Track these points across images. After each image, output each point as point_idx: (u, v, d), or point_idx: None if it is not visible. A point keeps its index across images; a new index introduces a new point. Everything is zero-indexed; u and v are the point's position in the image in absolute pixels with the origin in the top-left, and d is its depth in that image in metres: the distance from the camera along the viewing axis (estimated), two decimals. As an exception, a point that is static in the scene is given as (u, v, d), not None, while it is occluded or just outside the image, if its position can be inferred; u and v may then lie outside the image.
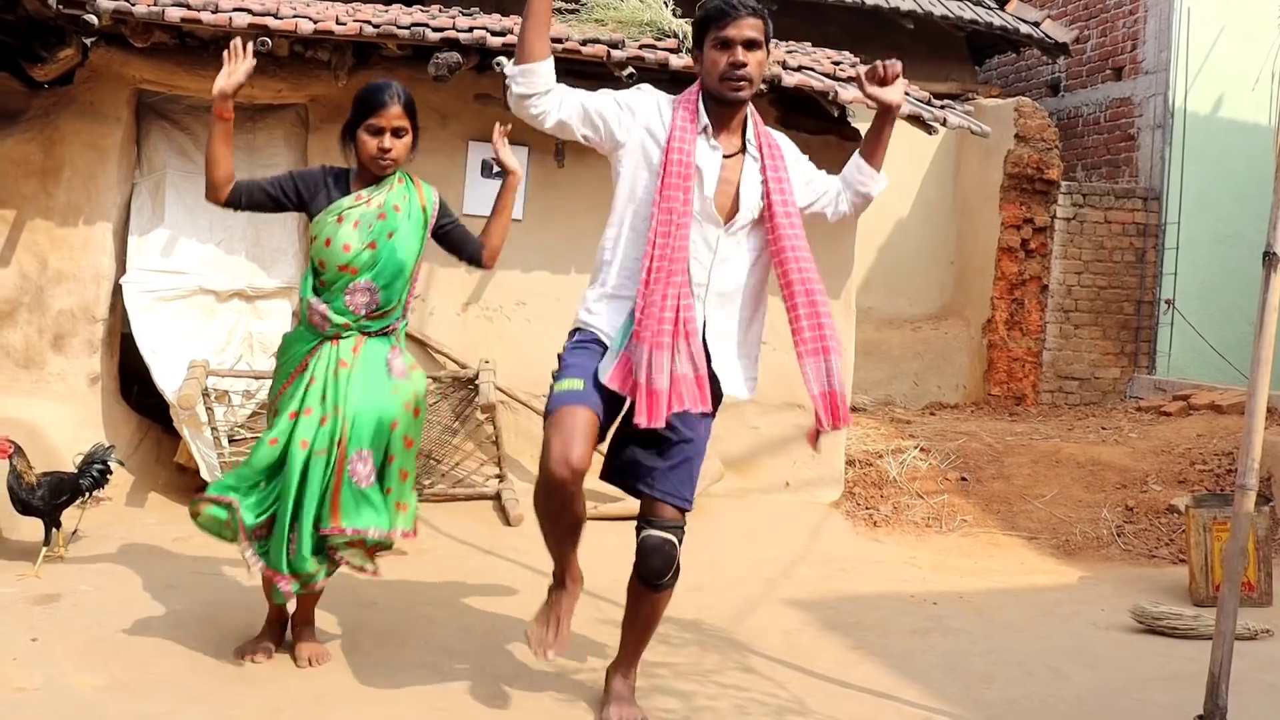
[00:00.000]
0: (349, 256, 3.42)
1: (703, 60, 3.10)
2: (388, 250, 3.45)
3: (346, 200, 3.45)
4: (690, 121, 3.08)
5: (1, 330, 5.61)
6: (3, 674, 3.28)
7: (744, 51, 3.01)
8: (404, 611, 4.05)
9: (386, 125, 3.39)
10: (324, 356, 3.45)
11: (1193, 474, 6.29)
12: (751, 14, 3.02)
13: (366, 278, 3.44)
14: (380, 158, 3.41)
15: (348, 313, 3.45)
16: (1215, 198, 9.41)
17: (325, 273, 3.46)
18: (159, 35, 5.43)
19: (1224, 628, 3.18)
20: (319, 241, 3.45)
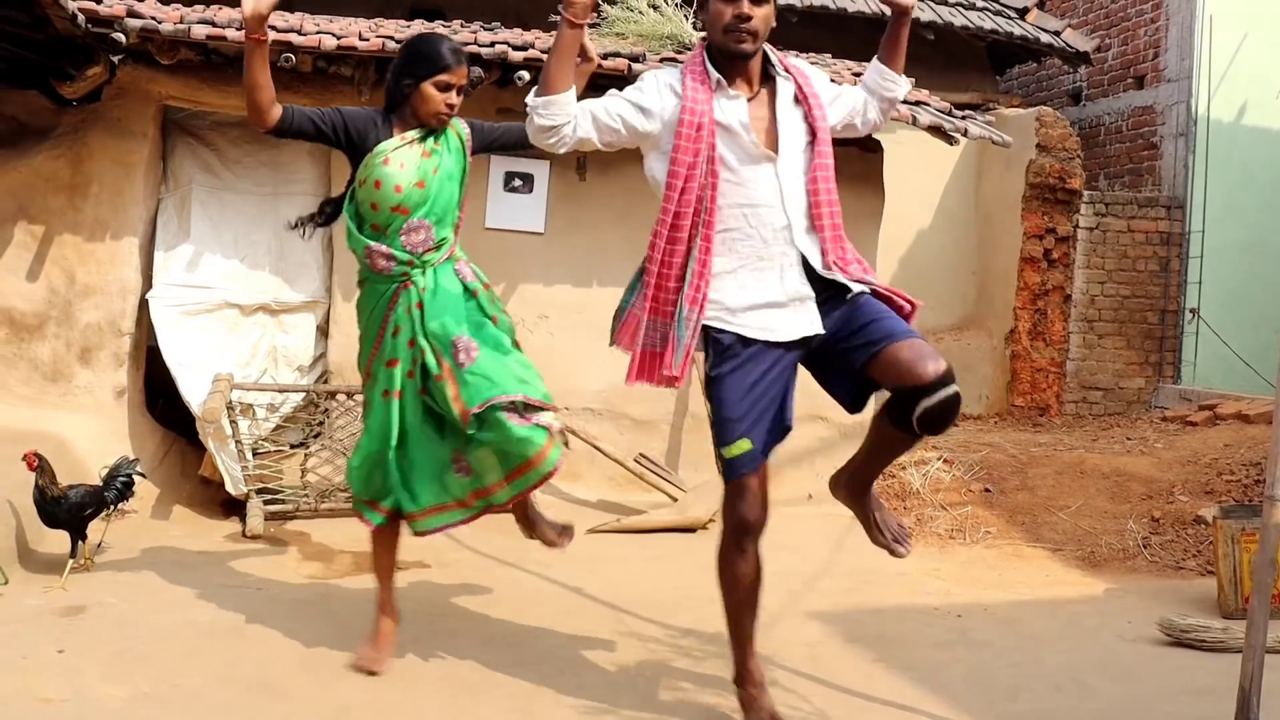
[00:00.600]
0: (400, 197, 3.48)
1: (707, 13, 3.06)
2: (436, 185, 3.52)
3: (393, 142, 3.50)
4: (701, 81, 3.04)
5: (30, 343, 5.66)
6: (29, 685, 3.30)
7: (749, 4, 2.96)
8: (427, 624, 4.05)
9: (456, 83, 3.48)
10: (402, 303, 3.52)
11: (1220, 484, 6.23)
12: None
13: (419, 215, 3.51)
14: (445, 113, 3.50)
15: (406, 252, 3.51)
16: (1240, 206, 9.35)
17: (378, 215, 3.51)
18: (185, 53, 5.49)
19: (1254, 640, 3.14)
20: (368, 185, 3.49)
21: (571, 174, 6.00)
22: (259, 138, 6.06)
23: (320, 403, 5.74)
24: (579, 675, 3.63)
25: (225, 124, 6.06)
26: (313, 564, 4.86)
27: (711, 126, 3.01)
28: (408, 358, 3.52)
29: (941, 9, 9.38)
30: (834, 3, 8.92)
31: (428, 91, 3.48)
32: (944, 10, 9.37)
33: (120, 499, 4.67)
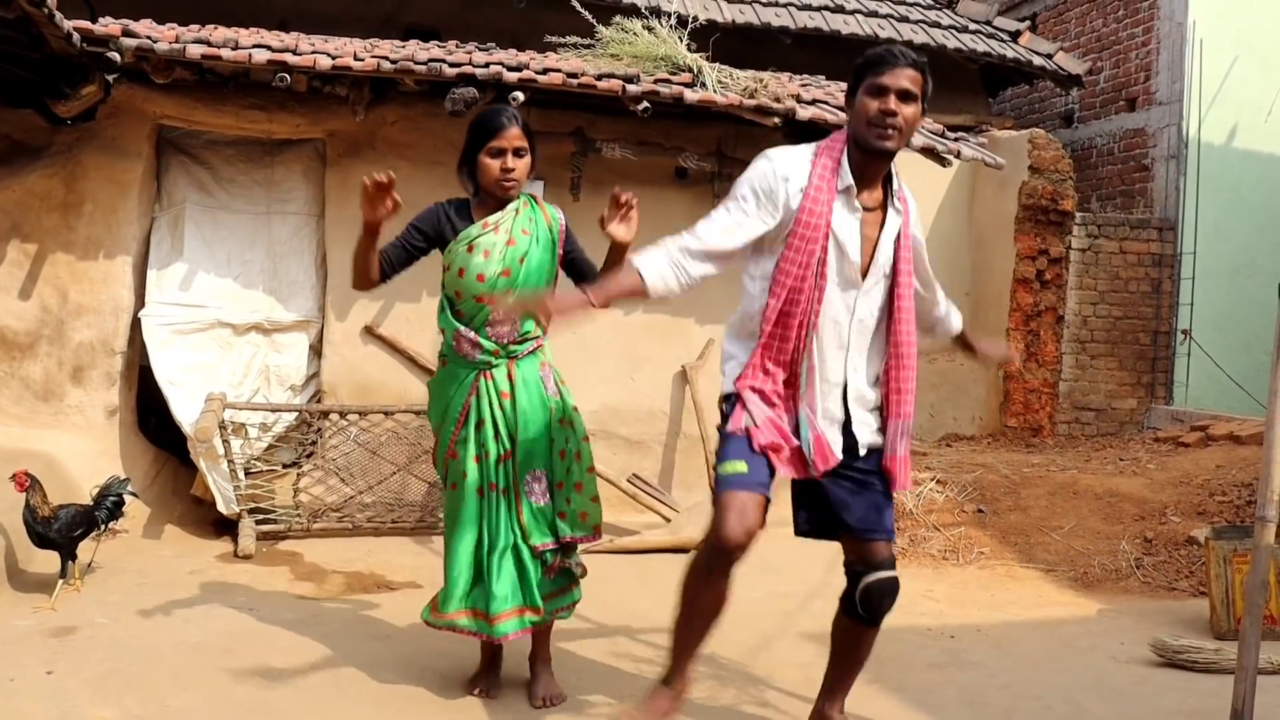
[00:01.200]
0: (484, 286, 3.40)
1: (854, 107, 3.00)
2: (523, 276, 3.44)
3: (475, 229, 3.43)
4: (832, 175, 2.98)
5: (22, 362, 5.65)
6: (18, 707, 3.28)
7: (897, 101, 2.92)
8: (419, 643, 4.04)
9: (508, 146, 3.39)
10: (484, 394, 3.46)
11: (1212, 505, 6.24)
12: (911, 65, 2.95)
13: None
14: (504, 179, 3.39)
15: (492, 342, 3.45)
16: (1231, 228, 9.39)
17: (462, 304, 3.45)
18: (180, 72, 5.51)
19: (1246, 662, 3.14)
20: (452, 272, 3.44)
21: (566, 194, 6.02)
22: (253, 157, 6.09)
23: (313, 422, 5.74)
24: (572, 696, 3.62)
25: (219, 143, 6.07)
26: (305, 584, 4.85)
27: (828, 231, 2.95)
28: (493, 449, 3.47)
29: (935, 31, 9.43)
30: (828, 24, 8.97)
31: (484, 162, 3.40)
32: (937, 33, 9.42)
33: (111, 518, 4.66)
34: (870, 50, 3.03)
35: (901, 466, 3.11)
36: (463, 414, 3.48)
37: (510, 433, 3.46)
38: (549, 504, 3.51)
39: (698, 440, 6.26)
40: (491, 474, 3.46)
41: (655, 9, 6.55)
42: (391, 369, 6.07)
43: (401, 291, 6.07)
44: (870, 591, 3.10)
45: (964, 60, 9.53)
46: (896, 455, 3.09)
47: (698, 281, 2.97)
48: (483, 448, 3.46)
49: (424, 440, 5.74)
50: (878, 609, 3.13)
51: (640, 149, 6.07)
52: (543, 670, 3.62)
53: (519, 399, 3.46)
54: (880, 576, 3.09)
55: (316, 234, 6.11)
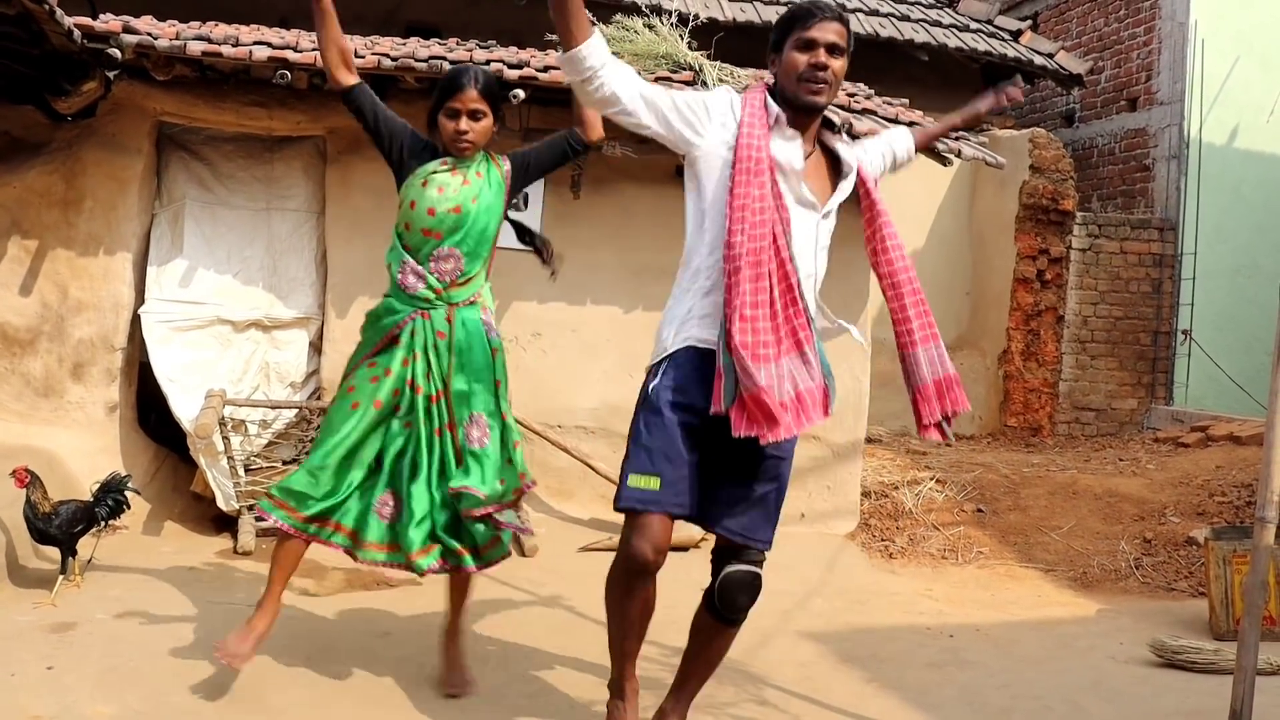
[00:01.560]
0: (433, 220, 3.46)
1: (780, 62, 2.95)
2: (472, 214, 3.49)
3: (433, 164, 3.49)
4: (762, 111, 2.92)
5: (22, 359, 5.65)
6: (18, 702, 3.28)
7: (826, 54, 2.88)
8: (419, 641, 4.04)
9: (463, 108, 3.44)
10: (418, 331, 3.47)
11: (1211, 506, 6.24)
12: (837, 19, 2.91)
13: (450, 244, 3.48)
14: (458, 139, 3.45)
15: (435, 280, 3.48)
16: (1232, 228, 9.40)
17: (410, 236, 3.50)
18: (180, 68, 5.50)
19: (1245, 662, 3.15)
20: (405, 204, 3.50)
21: (566, 192, 6.02)
22: (253, 154, 6.08)
23: (313, 419, 5.74)
24: (569, 693, 3.62)
25: (219, 139, 6.07)
26: (304, 580, 4.85)
27: (771, 162, 2.88)
28: (402, 381, 3.46)
29: (936, 30, 9.43)
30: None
31: (440, 120, 3.48)
32: (938, 32, 9.42)
33: (113, 515, 4.66)
34: (793, 4, 2.99)
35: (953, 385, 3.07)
36: (387, 338, 3.48)
37: (444, 374, 3.47)
38: (489, 449, 3.48)
39: (697, 439, 6.25)
40: (420, 412, 3.45)
41: (656, 7, 6.54)
42: (391, 366, 6.06)
43: (402, 289, 6.07)
44: (729, 582, 2.99)
45: (965, 59, 9.53)
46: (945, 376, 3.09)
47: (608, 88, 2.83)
48: (411, 384, 3.46)
49: (424, 438, 5.74)
50: (733, 603, 3.02)
51: (640, 147, 6.06)
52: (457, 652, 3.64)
53: (457, 339, 3.48)
54: (742, 568, 2.99)
55: (317, 231, 6.11)
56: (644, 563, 2.85)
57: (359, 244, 6.01)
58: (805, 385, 2.87)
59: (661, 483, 2.85)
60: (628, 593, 2.94)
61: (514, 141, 5.95)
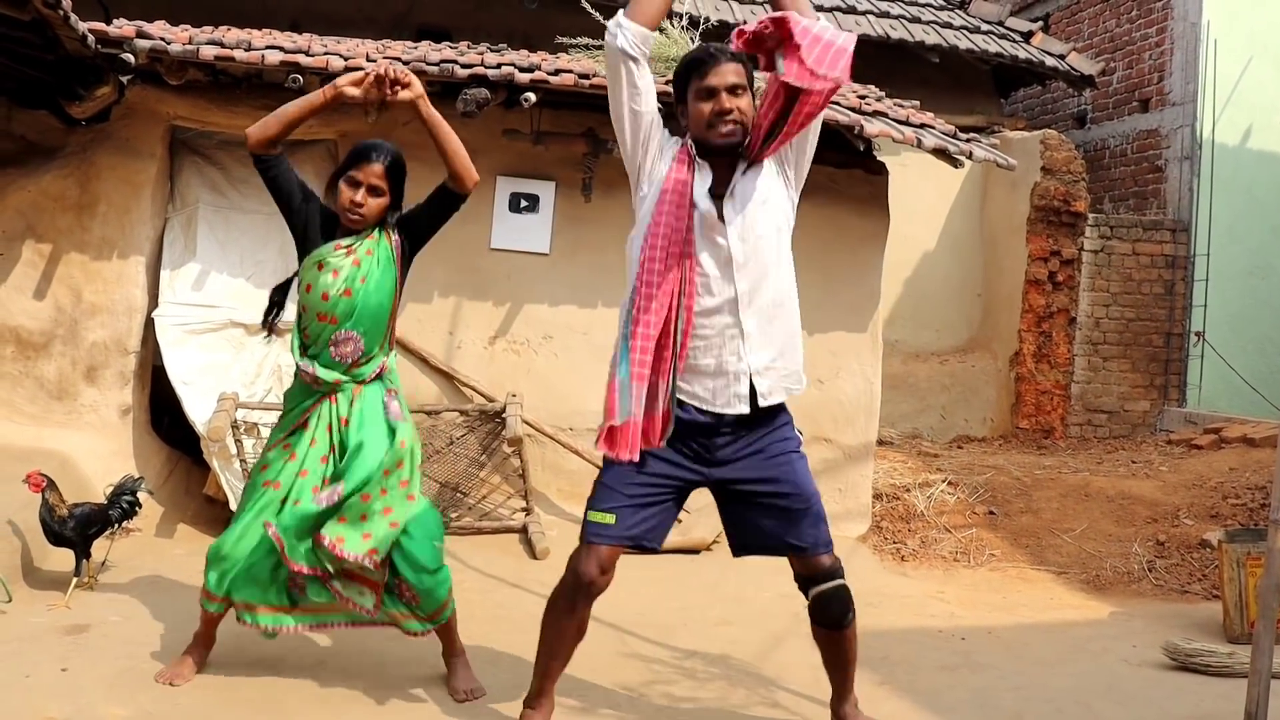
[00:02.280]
0: (326, 305, 3.45)
1: (688, 114, 3.04)
2: (363, 296, 3.46)
3: (328, 249, 3.48)
4: (687, 158, 3.03)
5: (36, 362, 5.68)
6: (32, 703, 3.30)
7: (729, 96, 2.95)
8: (430, 645, 4.04)
9: (364, 180, 3.44)
10: (324, 415, 3.50)
11: (1225, 508, 6.21)
12: (731, 59, 2.97)
13: (346, 327, 3.47)
14: (351, 210, 3.45)
15: (337, 365, 3.49)
16: (1245, 229, 9.36)
17: (308, 322, 3.50)
18: (193, 73, 5.53)
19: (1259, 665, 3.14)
20: (302, 286, 3.52)
21: (577, 195, 6.02)
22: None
23: (325, 422, 5.75)
24: (582, 696, 3.62)
25: (232, 143, 6.09)
26: (316, 583, 4.86)
27: (690, 206, 2.99)
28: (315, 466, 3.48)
29: (947, 32, 9.42)
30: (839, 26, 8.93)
31: (340, 187, 3.48)
32: (949, 34, 9.41)
33: (125, 518, 4.68)
34: (687, 54, 3.05)
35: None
36: (299, 423, 3.53)
37: (337, 459, 3.48)
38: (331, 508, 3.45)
39: (709, 441, 6.25)
40: (305, 492, 3.45)
41: (667, 10, 6.54)
42: (402, 369, 6.05)
43: (412, 292, 6.07)
44: (821, 601, 3.16)
45: (976, 61, 9.52)
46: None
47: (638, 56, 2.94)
48: (307, 465, 3.47)
49: (434, 440, 5.76)
50: (834, 616, 3.18)
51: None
52: (458, 664, 3.67)
53: (354, 425, 3.48)
54: (826, 587, 3.14)
55: (329, 234, 6.12)
56: (590, 580, 3.05)
57: (371, 247, 6.03)
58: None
59: (616, 519, 3.04)
60: (569, 610, 3.12)
61: (525, 145, 5.98)
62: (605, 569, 3.06)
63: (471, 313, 6.12)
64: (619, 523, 3.05)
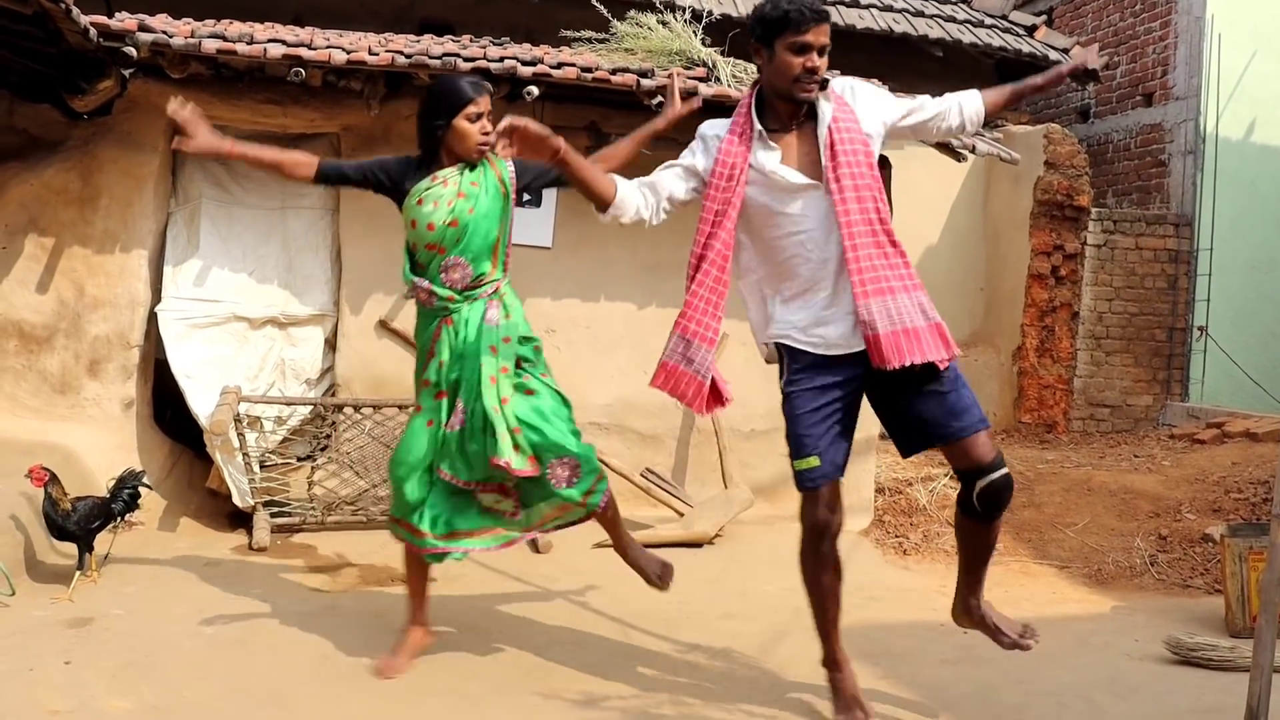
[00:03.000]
0: (434, 235, 3.62)
1: (771, 60, 3.21)
2: (471, 225, 3.63)
3: (425, 182, 3.64)
4: (740, 136, 3.27)
5: (39, 355, 5.68)
6: (36, 696, 3.31)
7: (818, 57, 3.17)
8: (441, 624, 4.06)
9: (484, 110, 3.63)
10: (445, 339, 3.68)
11: (1228, 502, 6.21)
12: (825, 20, 3.18)
13: (454, 254, 3.63)
14: (483, 143, 3.62)
15: (447, 289, 3.66)
16: (1248, 223, 9.34)
17: (418, 254, 3.68)
18: (195, 66, 5.52)
19: (1261, 660, 3.13)
20: (407, 225, 3.67)
21: (579, 189, 6.02)
22: (269, 151, 6.10)
23: (328, 416, 5.76)
24: (584, 690, 3.63)
25: (235, 138, 6.08)
26: (319, 576, 4.87)
27: (744, 177, 3.24)
28: (450, 387, 3.68)
29: (950, 26, 9.40)
30: (843, 19, 8.94)
31: (461, 127, 3.61)
32: (952, 27, 9.39)
33: (127, 510, 4.69)
34: (781, 5, 3.17)
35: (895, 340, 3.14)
36: (429, 354, 3.71)
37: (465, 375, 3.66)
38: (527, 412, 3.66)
39: (711, 435, 6.26)
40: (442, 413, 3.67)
41: (670, 3, 6.54)
42: (406, 362, 6.06)
43: (416, 286, 6.08)
44: (990, 491, 3.24)
45: (980, 55, 9.50)
46: (879, 333, 3.13)
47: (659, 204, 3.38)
48: (445, 384, 3.68)
49: (438, 434, 5.75)
50: (998, 505, 3.29)
51: (654, 143, 6.03)
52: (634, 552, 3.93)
53: (461, 337, 3.66)
54: (993, 477, 3.23)
55: (331, 228, 6.13)
56: (825, 523, 3.25)
57: (373, 240, 6.03)
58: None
59: (820, 459, 3.22)
60: (818, 559, 3.30)
61: (527, 138, 5.96)
62: (833, 508, 3.26)
63: (474, 307, 6.13)
64: (825, 461, 3.22)
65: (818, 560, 3.31)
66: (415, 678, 3.66)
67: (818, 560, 3.31)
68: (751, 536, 5.83)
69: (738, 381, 6.41)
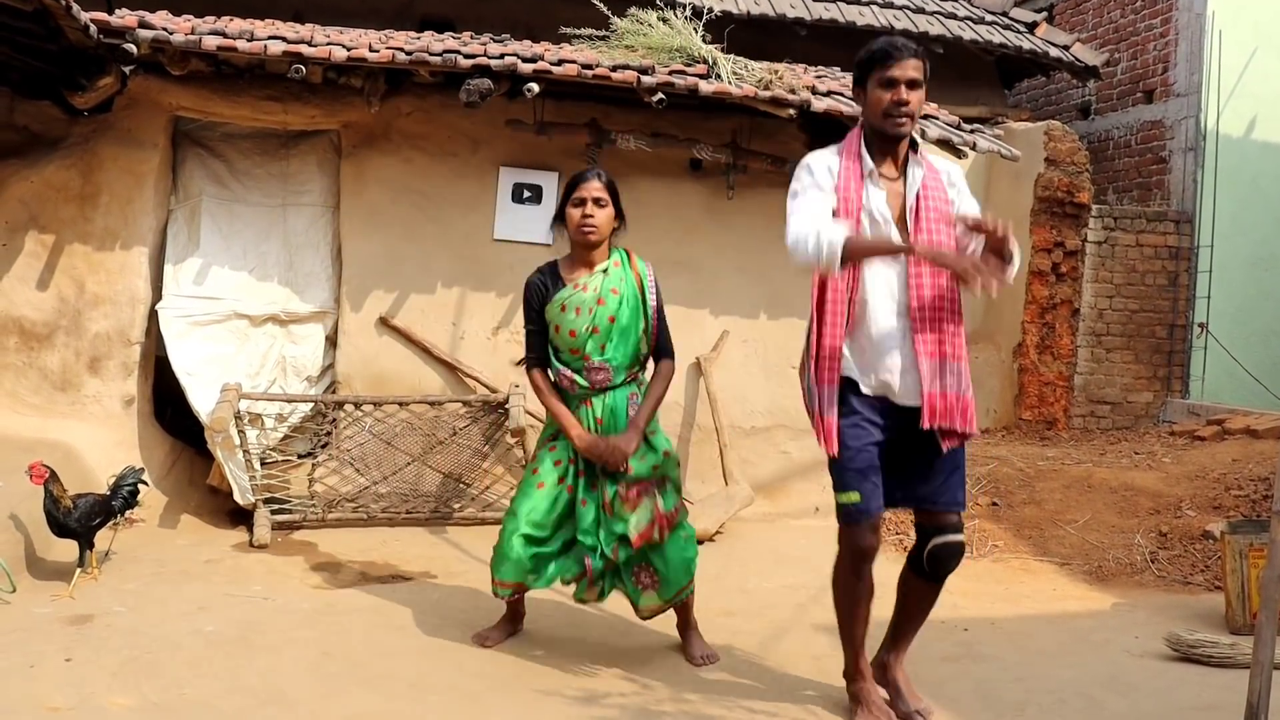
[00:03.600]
0: (575, 341, 3.79)
1: (865, 97, 3.32)
2: (613, 331, 3.79)
3: (566, 290, 3.80)
4: (855, 163, 3.31)
5: (40, 353, 5.69)
6: (36, 693, 3.31)
7: (906, 90, 3.24)
8: (434, 634, 4.06)
9: (587, 196, 3.76)
10: (583, 419, 3.83)
11: (1228, 499, 6.21)
12: (913, 55, 3.26)
13: (597, 359, 3.77)
14: (583, 225, 3.75)
15: (586, 383, 3.82)
16: (1249, 220, 9.33)
17: (563, 354, 3.84)
18: (196, 63, 5.52)
19: (1261, 656, 3.13)
20: (551, 328, 3.83)
21: (580, 186, 6.01)
22: (269, 150, 6.12)
23: (328, 413, 5.76)
24: (584, 686, 3.63)
25: (235, 135, 6.09)
26: (319, 574, 4.87)
27: (859, 214, 3.27)
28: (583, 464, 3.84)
29: (951, 23, 9.39)
30: (843, 16, 8.94)
31: (567, 211, 3.81)
32: (953, 24, 9.38)
33: (126, 507, 4.69)
34: (875, 43, 3.31)
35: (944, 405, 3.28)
36: (557, 430, 3.88)
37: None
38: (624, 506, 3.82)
39: (712, 432, 6.26)
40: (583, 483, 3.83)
41: (670, 0, 6.54)
42: (406, 360, 6.08)
43: (415, 283, 6.08)
44: (940, 554, 3.41)
45: (980, 52, 9.49)
46: (933, 392, 3.26)
47: None
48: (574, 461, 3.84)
49: (438, 431, 5.76)
50: (944, 569, 3.45)
51: (654, 140, 6.06)
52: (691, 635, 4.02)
53: (608, 425, 3.81)
54: (949, 539, 3.40)
55: (332, 225, 6.13)
56: (868, 547, 3.34)
57: (374, 238, 6.03)
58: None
59: (861, 495, 3.31)
60: (855, 575, 3.39)
61: (528, 135, 5.97)
62: (875, 527, 3.36)
63: (475, 303, 6.12)
64: (866, 498, 3.31)
65: (857, 580, 3.40)
66: (416, 674, 3.67)
67: (857, 580, 3.40)
68: (752, 533, 5.83)
69: (738, 379, 6.44)
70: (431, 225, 6.07)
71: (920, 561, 3.46)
